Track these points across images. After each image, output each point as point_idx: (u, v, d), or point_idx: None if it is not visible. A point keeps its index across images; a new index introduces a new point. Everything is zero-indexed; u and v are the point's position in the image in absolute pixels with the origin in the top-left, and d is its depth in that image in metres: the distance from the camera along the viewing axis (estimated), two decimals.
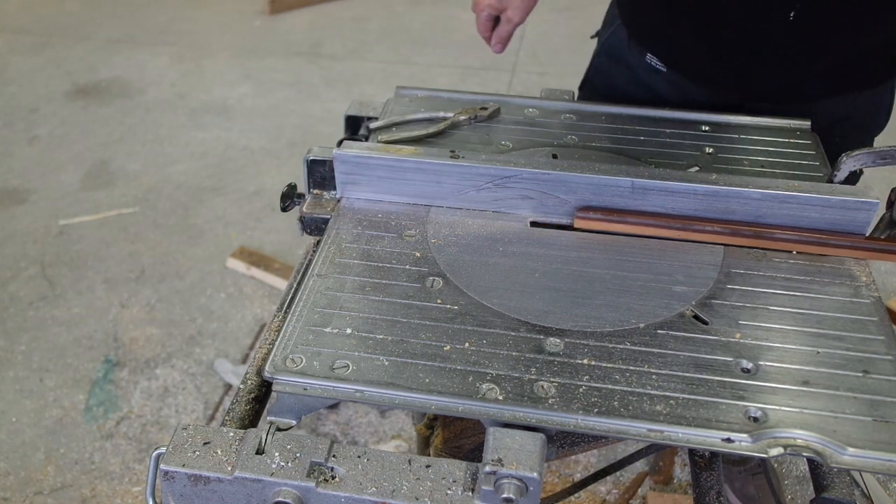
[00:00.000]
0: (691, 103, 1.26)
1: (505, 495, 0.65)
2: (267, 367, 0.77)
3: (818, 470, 0.78)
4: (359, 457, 0.70)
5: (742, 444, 0.71)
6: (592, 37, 1.46)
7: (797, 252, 0.95)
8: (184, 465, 0.69)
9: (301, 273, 1.00)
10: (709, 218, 0.96)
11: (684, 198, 0.96)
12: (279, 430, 0.73)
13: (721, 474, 1.03)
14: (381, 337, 0.81)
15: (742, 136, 1.18)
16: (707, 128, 1.20)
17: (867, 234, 0.95)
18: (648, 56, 1.30)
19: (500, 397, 0.74)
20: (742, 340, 0.82)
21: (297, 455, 0.69)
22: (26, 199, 2.99)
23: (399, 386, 0.75)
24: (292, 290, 0.96)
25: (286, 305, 0.93)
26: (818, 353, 0.80)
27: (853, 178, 1.00)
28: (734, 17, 1.15)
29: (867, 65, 1.17)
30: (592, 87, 1.46)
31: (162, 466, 0.70)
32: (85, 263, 2.66)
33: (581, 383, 0.76)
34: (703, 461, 1.04)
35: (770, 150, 1.14)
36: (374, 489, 0.68)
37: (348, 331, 0.82)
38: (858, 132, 1.25)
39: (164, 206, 2.95)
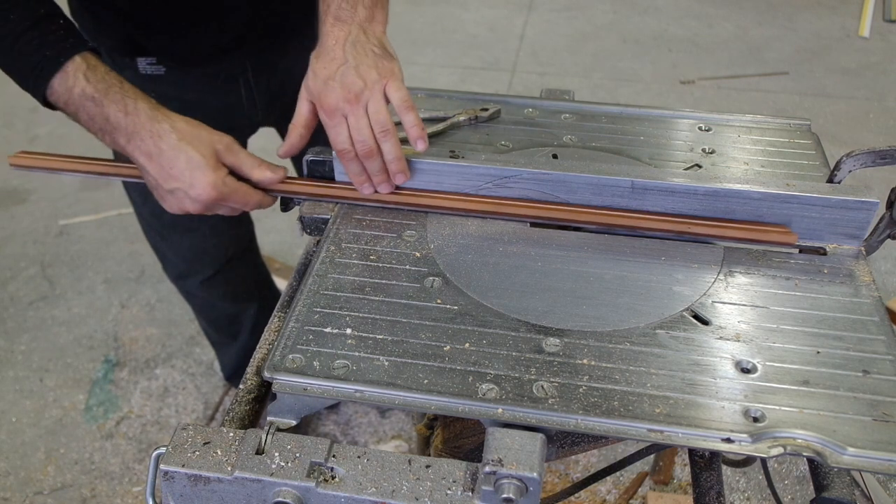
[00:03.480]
0: (192, 95, 1.33)
1: (505, 495, 0.65)
2: (266, 367, 0.77)
3: (818, 470, 0.78)
4: (359, 457, 0.70)
5: (742, 444, 0.71)
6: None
7: (801, 250, 0.95)
8: (184, 466, 0.69)
9: (301, 273, 1.00)
10: (650, 211, 0.96)
11: (684, 198, 0.96)
12: (279, 430, 0.73)
13: (721, 474, 1.03)
14: (380, 337, 0.81)
15: (742, 136, 1.18)
16: (706, 127, 1.20)
17: (867, 234, 0.95)
18: (141, 66, 1.30)
19: (500, 397, 0.74)
20: (742, 340, 0.82)
21: (297, 455, 0.69)
22: (26, 199, 2.99)
23: (399, 386, 0.75)
24: (292, 290, 0.96)
25: (286, 305, 0.93)
26: (818, 352, 0.80)
27: None
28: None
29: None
30: None
31: (162, 466, 0.70)
32: (85, 263, 2.66)
33: (581, 383, 0.76)
34: (703, 461, 1.04)
35: (770, 150, 1.14)
36: (373, 489, 0.68)
37: (348, 331, 0.82)
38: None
39: None
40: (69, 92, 0.95)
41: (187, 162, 0.94)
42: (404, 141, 0.98)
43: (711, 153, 1.13)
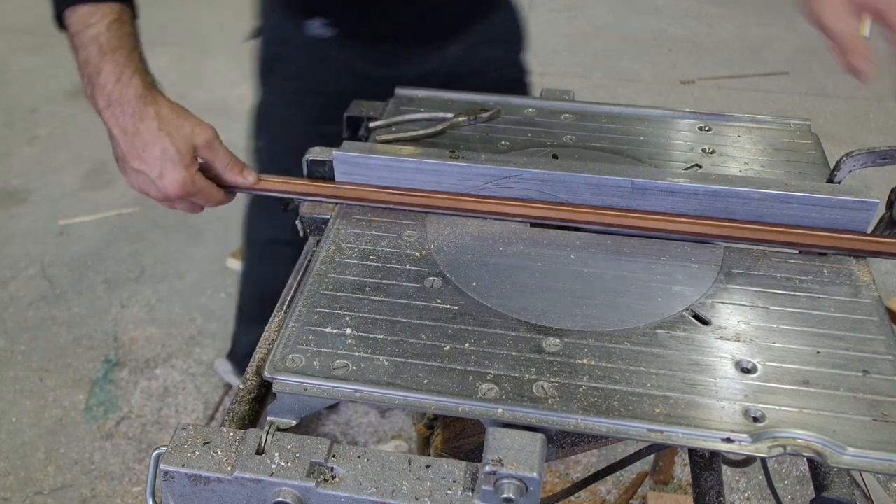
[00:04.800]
0: (361, 63, 1.36)
1: (505, 495, 0.65)
2: (267, 367, 0.77)
3: (818, 470, 0.78)
4: (359, 457, 0.70)
5: (742, 444, 0.71)
6: (248, 40, 1.49)
7: (801, 251, 0.95)
8: (184, 465, 0.69)
9: (301, 273, 1.00)
10: (703, 217, 0.96)
11: (684, 198, 0.96)
12: (279, 430, 0.73)
13: (721, 474, 1.04)
14: (380, 337, 0.81)
15: (742, 136, 1.18)
16: (706, 127, 1.20)
17: (867, 234, 0.95)
18: (309, 28, 1.34)
19: (500, 397, 0.74)
20: (742, 340, 0.82)
21: (297, 455, 0.69)
22: (26, 199, 2.99)
23: (399, 386, 0.75)
24: (292, 290, 0.96)
25: (286, 305, 0.93)
26: (818, 352, 0.80)
27: None
28: None
29: None
30: (273, 77, 1.52)
31: (162, 466, 0.70)
32: (85, 263, 2.66)
33: (581, 383, 0.76)
34: (703, 461, 1.04)
35: (770, 150, 1.14)
36: (373, 489, 0.68)
37: (348, 331, 0.82)
38: (503, 50, 1.49)
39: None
40: (86, 28, 0.94)
41: (162, 152, 0.93)
42: (404, 142, 0.97)
43: (711, 153, 1.13)
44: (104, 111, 0.95)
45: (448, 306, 0.86)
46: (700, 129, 1.20)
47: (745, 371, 0.78)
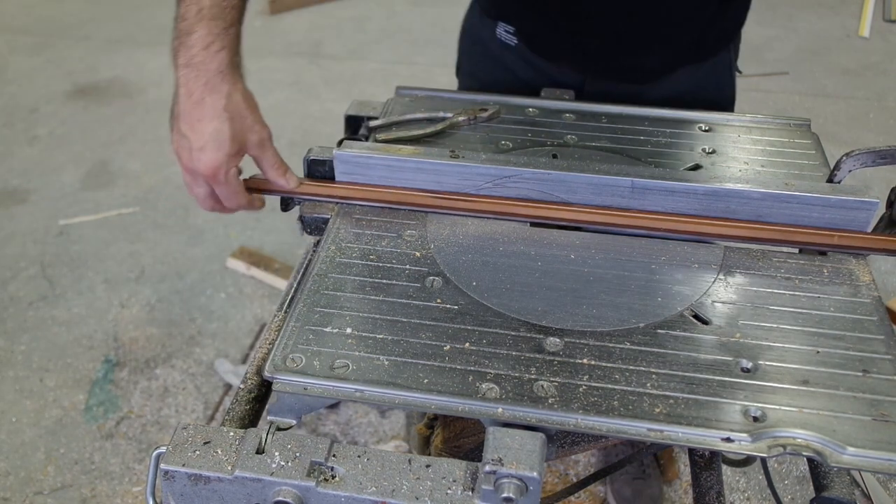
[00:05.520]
0: (540, 78, 1.33)
1: (505, 495, 0.65)
2: (267, 367, 0.77)
3: (818, 469, 0.78)
4: (359, 456, 0.70)
5: (742, 443, 0.71)
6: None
7: (801, 251, 0.95)
8: (184, 465, 0.69)
9: (301, 273, 1.00)
10: (705, 216, 0.96)
11: (684, 198, 0.96)
12: (279, 429, 0.73)
13: (721, 474, 1.04)
14: (381, 336, 0.81)
15: (742, 136, 1.18)
16: (706, 127, 1.20)
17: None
18: (499, 31, 1.33)
19: (500, 397, 0.74)
20: (742, 340, 0.82)
21: (297, 455, 0.69)
22: (26, 199, 2.99)
23: (399, 385, 0.75)
24: (292, 290, 0.96)
25: (286, 305, 0.93)
26: (818, 352, 0.80)
27: None
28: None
29: (703, 41, 1.28)
30: (462, 70, 1.51)
31: (162, 466, 0.70)
32: (85, 263, 2.66)
33: (581, 383, 0.76)
34: (703, 461, 1.04)
35: (770, 149, 1.14)
36: (374, 489, 0.68)
37: (348, 330, 0.82)
38: (709, 107, 1.35)
39: (164, 206, 2.95)
40: None
41: (214, 131, 0.92)
42: (404, 141, 0.97)
43: (711, 153, 1.14)
44: (181, 68, 0.92)
45: (448, 306, 0.86)
46: (700, 129, 1.20)
47: (745, 371, 0.78)
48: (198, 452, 0.70)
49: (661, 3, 1.20)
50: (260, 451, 0.70)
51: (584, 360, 0.79)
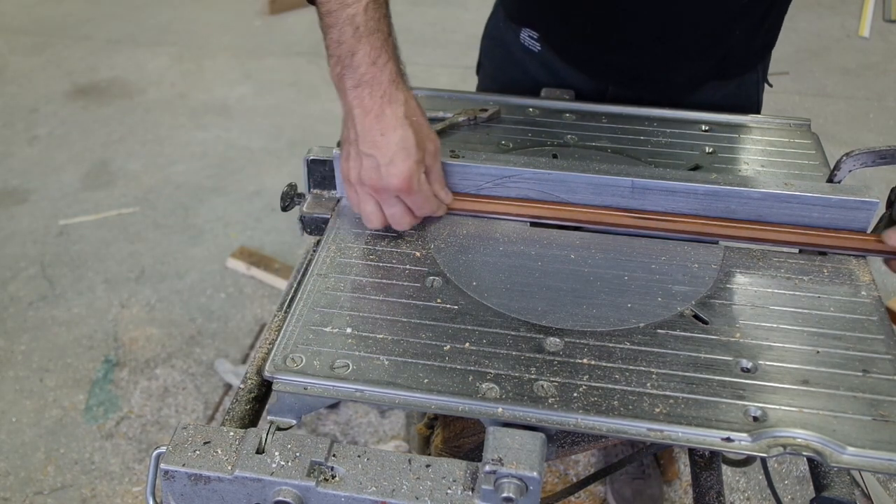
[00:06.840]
0: (561, 85, 1.32)
1: (505, 495, 0.65)
2: (267, 367, 0.77)
3: (818, 469, 0.78)
4: (359, 456, 0.70)
5: (742, 443, 0.71)
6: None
7: (801, 251, 0.95)
8: (184, 465, 0.69)
9: (301, 273, 1.00)
10: (702, 216, 0.96)
11: (684, 198, 0.96)
12: (279, 429, 0.73)
13: (721, 474, 1.04)
14: (381, 336, 0.81)
15: (742, 136, 1.18)
16: (707, 127, 1.20)
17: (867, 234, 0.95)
18: (523, 35, 1.33)
19: (500, 397, 0.74)
20: (742, 340, 0.82)
21: (297, 454, 0.69)
22: (26, 199, 2.99)
23: (399, 385, 0.75)
24: (292, 290, 0.96)
25: (286, 305, 0.93)
26: (818, 352, 0.80)
27: None
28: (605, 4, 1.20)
29: (730, 60, 1.27)
30: (483, 70, 1.51)
31: (162, 466, 0.70)
32: (85, 263, 2.66)
33: (581, 383, 0.76)
34: (703, 461, 1.04)
35: (770, 149, 1.14)
36: (373, 488, 0.68)
37: (348, 330, 0.82)
38: None
39: (164, 206, 2.95)
40: (342, 7, 0.89)
41: (401, 139, 0.89)
42: None
43: (711, 153, 1.14)
44: (350, 91, 0.90)
45: (448, 306, 0.86)
46: (700, 129, 1.20)
47: (745, 371, 0.78)
48: (198, 452, 0.70)
49: (691, 23, 1.20)
50: (260, 451, 0.70)
51: (584, 360, 0.79)
